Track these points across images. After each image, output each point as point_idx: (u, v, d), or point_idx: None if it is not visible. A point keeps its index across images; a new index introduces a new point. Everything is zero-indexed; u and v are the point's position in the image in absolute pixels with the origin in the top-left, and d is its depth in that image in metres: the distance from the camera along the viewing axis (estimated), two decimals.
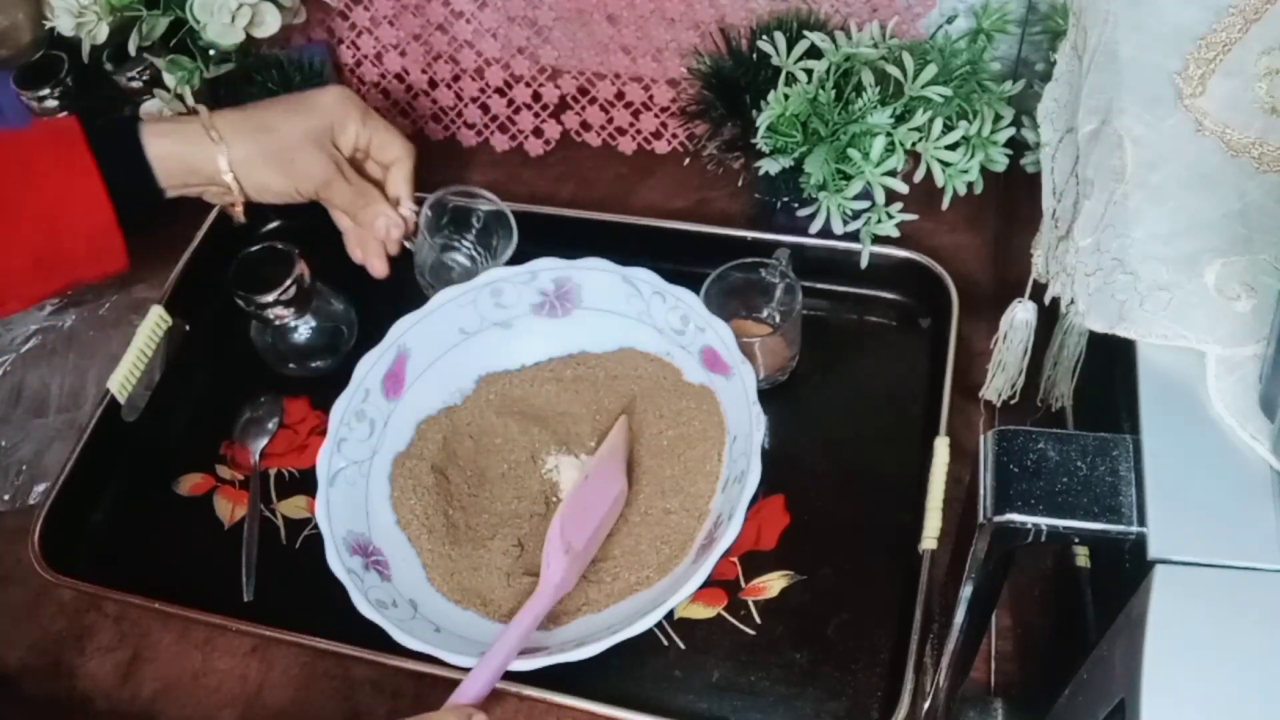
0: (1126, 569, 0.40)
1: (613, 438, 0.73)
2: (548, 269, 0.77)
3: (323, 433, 0.72)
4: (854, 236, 0.77)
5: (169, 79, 0.86)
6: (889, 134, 0.71)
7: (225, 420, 0.82)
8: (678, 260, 0.78)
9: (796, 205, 0.77)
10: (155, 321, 0.82)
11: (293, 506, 0.77)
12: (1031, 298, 0.55)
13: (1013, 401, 0.62)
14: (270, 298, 0.77)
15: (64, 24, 0.83)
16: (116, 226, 0.68)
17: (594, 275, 0.77)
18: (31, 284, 0.70)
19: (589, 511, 0.68)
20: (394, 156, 0.76)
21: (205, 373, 0.86)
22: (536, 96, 0.92)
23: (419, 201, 0.79)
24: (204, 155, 0.70)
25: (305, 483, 0.78)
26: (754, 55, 0.77)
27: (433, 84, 0.95)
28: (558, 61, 0.91)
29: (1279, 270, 0.44)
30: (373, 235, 0.76)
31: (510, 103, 0.93)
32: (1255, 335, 0.42)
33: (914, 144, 0.71)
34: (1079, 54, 0.55)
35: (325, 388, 0.75)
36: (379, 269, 0.77)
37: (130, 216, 0.69)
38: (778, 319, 0.77)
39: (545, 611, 0.65)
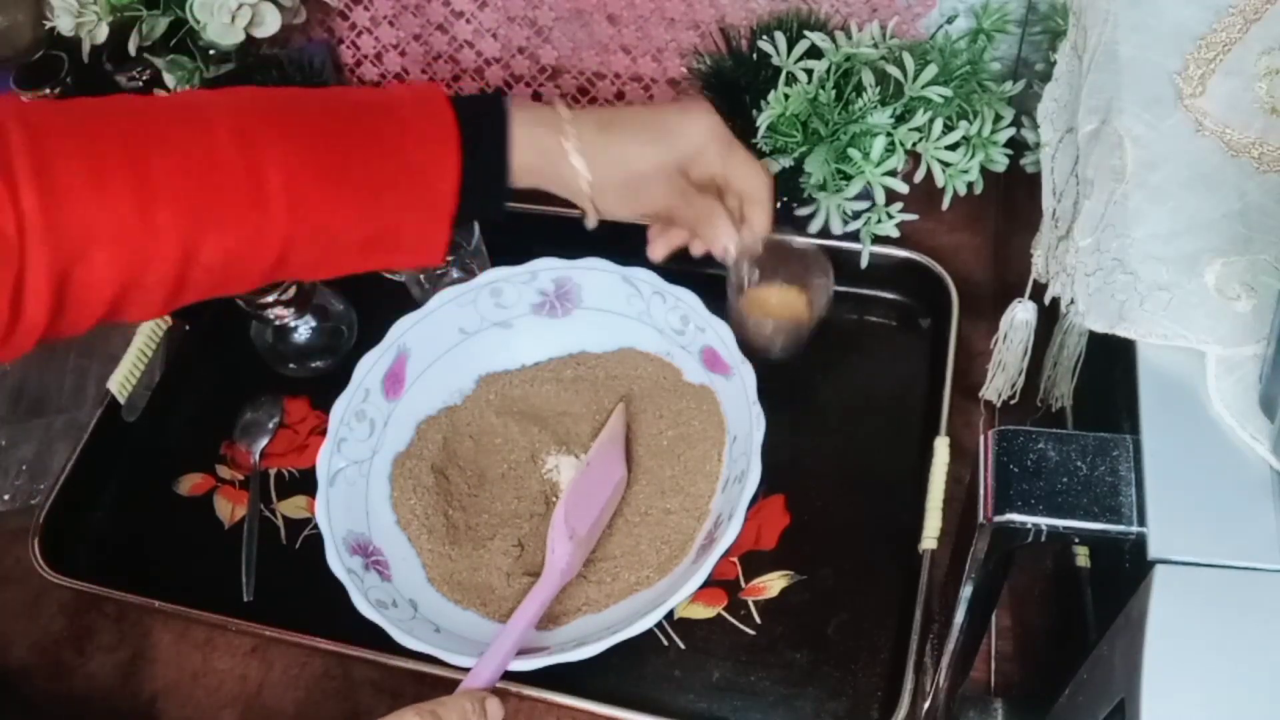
0: (1126, 569, 0.40)
1: (612, 424, 0.73)
2: (548, 269, 0.77)
3: (323, 433, 0.72)
4: (854, 236, 0.77)
5: (169, 79, 0.86)
6: (889, 134, 0.71)
7: (225, 420, 0.81)
8: (678, 260, 0.78)
9: (796, 205, 0.77)
10: (155, 321, 0.82)
11: (293, 506, 0.77)
12: (1031, 298, 0.55)
13: (1013, 401, 0.62)
14: (270, 298, 0.77)
15: (64, 24, 0.83)
16: (451, 221, 0.60)
17: (594, 275, 0.77)
18: (348, 261, 0.60)
19: (591, 498, 0.69)
20: (750, 192, 0.66)
21: (205, 373, 0.86)
22: (536, 96, 0.92)
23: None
24: (564, 177, 0.63)
25: (305, 483, 0.78)
26: (754, 55, 0.77)
27: (432, 84, 0.95)
28: (558, 61, 0.91)
29: (1279, 270, 0.44)
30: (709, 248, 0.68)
31: None
32: (1255, 335, 0.42)
33: (914, 144, 0.71)
34: (1079, 54, 0.55)
35: (325, 388, 0.75)
36: (659, 252, 0.71)
37: (465, 215, 0.61)
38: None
39: (551, 597, 0.66)
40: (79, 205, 0.50)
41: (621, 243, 0.79)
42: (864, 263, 0.78)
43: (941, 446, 0.68)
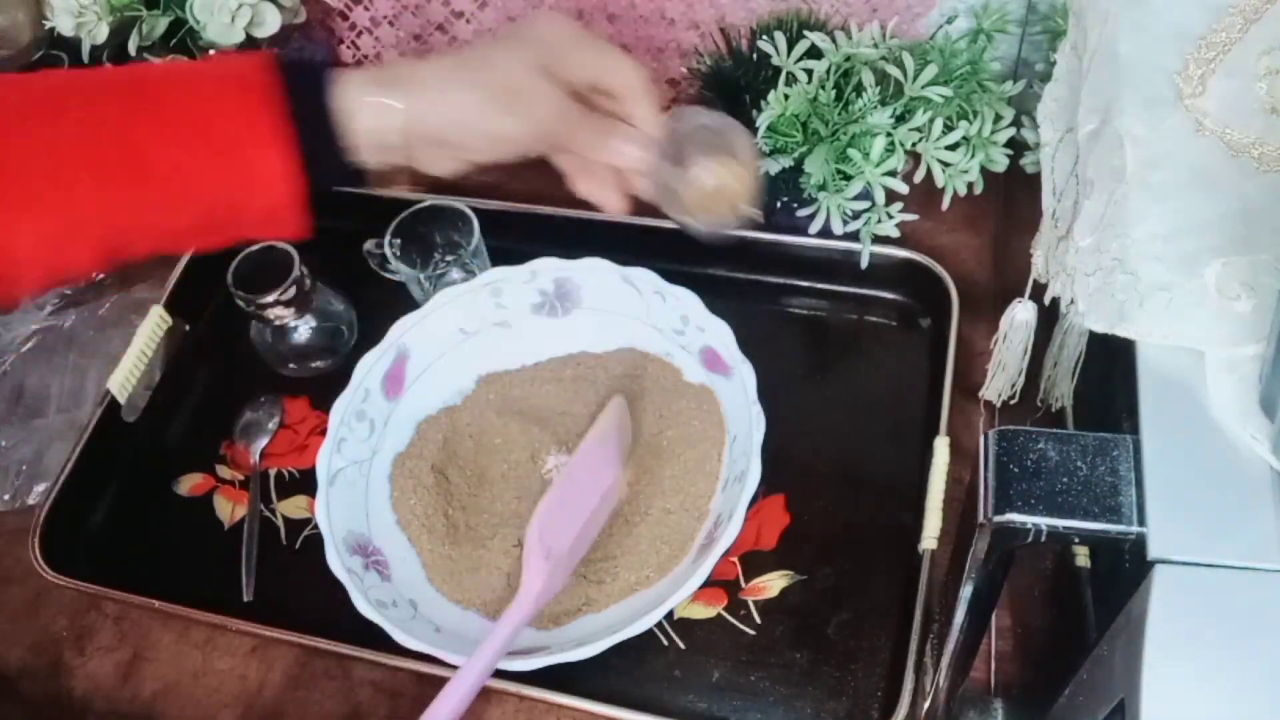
0: (1126, 569, 0.40)
1: (601, 423, 0.69)
2: (547, 269, 0.77)
3: (323, 433, 0.72)
4: (854, 236, 0.77)
5: None
6: (889, 134, 0.71)
7: (225, 420, 0.81)
8: (678, 260, 0.78)
9: (796, 205, 0.77)
10: (155, 321, 0.82)
11: (293, 506, 0.77)
12: (1031, 298, 0.56)
13: (1013, 401, 0.62)
14: (270, 298, 0.77)
15: (64, 24, 0.83)
16: (305, 201, 0.55)
17: (594, 275, 0.77)
18: (191, 242, 0.58)
19: (572, 510, 0.66)
20: (624, 84, 0.59)
21: (205, 373, 0.86)
22: None
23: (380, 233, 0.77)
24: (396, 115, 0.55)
25: (305, 483, 0.78)
26: (754, 55, 0.77)
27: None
28: None
29: (1279, 270, 0.44)
30: (616, 170, 0.61)
31: None
32: (1255, 335, 0.42)
33: (914, 144, 0.71)
34: (1079, 54, 0.55)
35: (325, 388, 0.75)
36: (615, 204, 0.63)
37: (321, 188, 0.56)
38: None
39: (526, 620, 0.63)
40: None
41: (622, 243, 0.80)
42: (864, 263, 0.78)
43: (941, 446, 0.68)
